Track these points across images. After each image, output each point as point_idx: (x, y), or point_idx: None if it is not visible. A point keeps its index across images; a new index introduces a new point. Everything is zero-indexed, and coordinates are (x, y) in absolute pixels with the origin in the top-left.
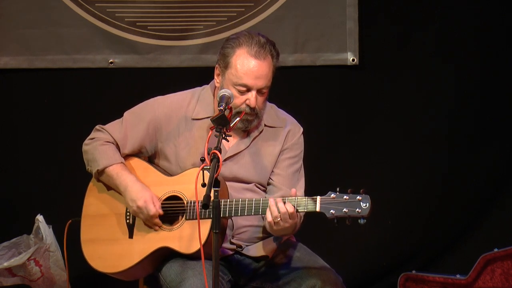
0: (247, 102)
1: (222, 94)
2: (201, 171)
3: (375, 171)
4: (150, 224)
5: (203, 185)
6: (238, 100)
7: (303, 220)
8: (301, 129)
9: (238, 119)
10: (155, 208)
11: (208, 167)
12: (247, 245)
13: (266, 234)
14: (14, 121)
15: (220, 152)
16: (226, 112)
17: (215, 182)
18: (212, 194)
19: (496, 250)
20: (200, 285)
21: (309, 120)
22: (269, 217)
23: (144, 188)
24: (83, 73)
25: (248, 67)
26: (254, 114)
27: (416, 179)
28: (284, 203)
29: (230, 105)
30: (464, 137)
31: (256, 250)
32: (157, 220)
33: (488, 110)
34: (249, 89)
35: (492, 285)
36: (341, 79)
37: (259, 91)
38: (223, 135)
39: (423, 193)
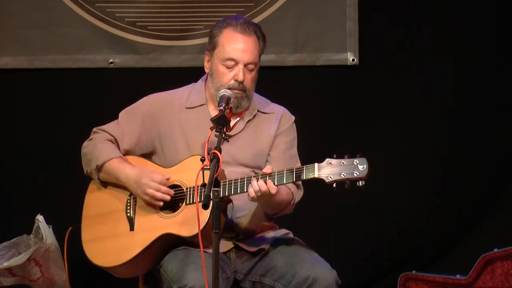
0: (235, 77)
1: (222, 94)
2: (201, 171)
3: (375, 171)
4: (160, 196)
5: (203, 185)
6: (227, 77)
7: (299, 200)
8: (293, 117)
9: (238, 119)
10: (159, 175)
11: (208, 167)
12: (244, 235)
13: (263, 220)
14: (14, 121)
15: (220, 152)
16: (226, 112)
17: (215, 182)
18: (211, 194)
19: (496, 250)
20: (202, 279)
21: (309, 120)
22: (251, 193)
23: (143, 167)
24: (83, 73)
25: (235, 41)
26: (243, 90)
27: (416, 179)
28: (265, 182)
29: (230, 105)
30: (464, 137)
31: (253, 244)
32: (166, 188)
33: (488, 110)
34: (236, 63)
35: (492, 285)
36: (341, 79)
37: (246, 67)
38: (223, 135)
39: (423, 193)
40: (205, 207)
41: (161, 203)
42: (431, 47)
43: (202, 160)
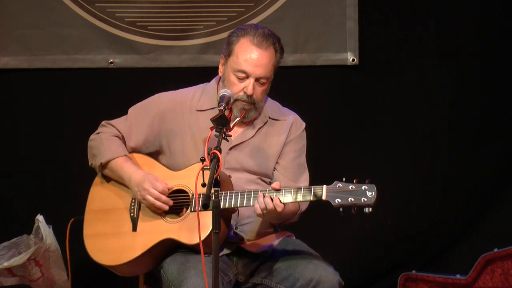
0: (245, 89)
1: (222, 94)
2: (201, 171)
3: (375, 171)
4: (159, 205)
5: (203, 185)
6: (236, 87)
7: (305, 210)
8: (304, 124)
9: (238, 119)
10: (162, 184)
11: (208, 167)
12: (249, 240)
13: (268, 228)
14: (14, 121)
15: (220, 152)
16: (226, 112)
17: (215, 182)
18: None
19: (496, 250)
20: (202, 284)
21: (309, 120)
22: (257, 210)
23: (148, 173)
24: (83, 73)
25: (249, 54)
26: (251, 103)
27: (416, 179)
28: (272, 199)
29: (230, 105)
30: (464, 137)
31: (256, 246)
32: (166, 198)
33: (488, 110)
34: (247, 76)
35: (492, 285)
36: (341, 79)
37: (257, 81)
38: (223, 135)
39: (423, 193)
40: (204, 206)
41: (159, 211)
42: (431, 47)
43: (202, 160)
